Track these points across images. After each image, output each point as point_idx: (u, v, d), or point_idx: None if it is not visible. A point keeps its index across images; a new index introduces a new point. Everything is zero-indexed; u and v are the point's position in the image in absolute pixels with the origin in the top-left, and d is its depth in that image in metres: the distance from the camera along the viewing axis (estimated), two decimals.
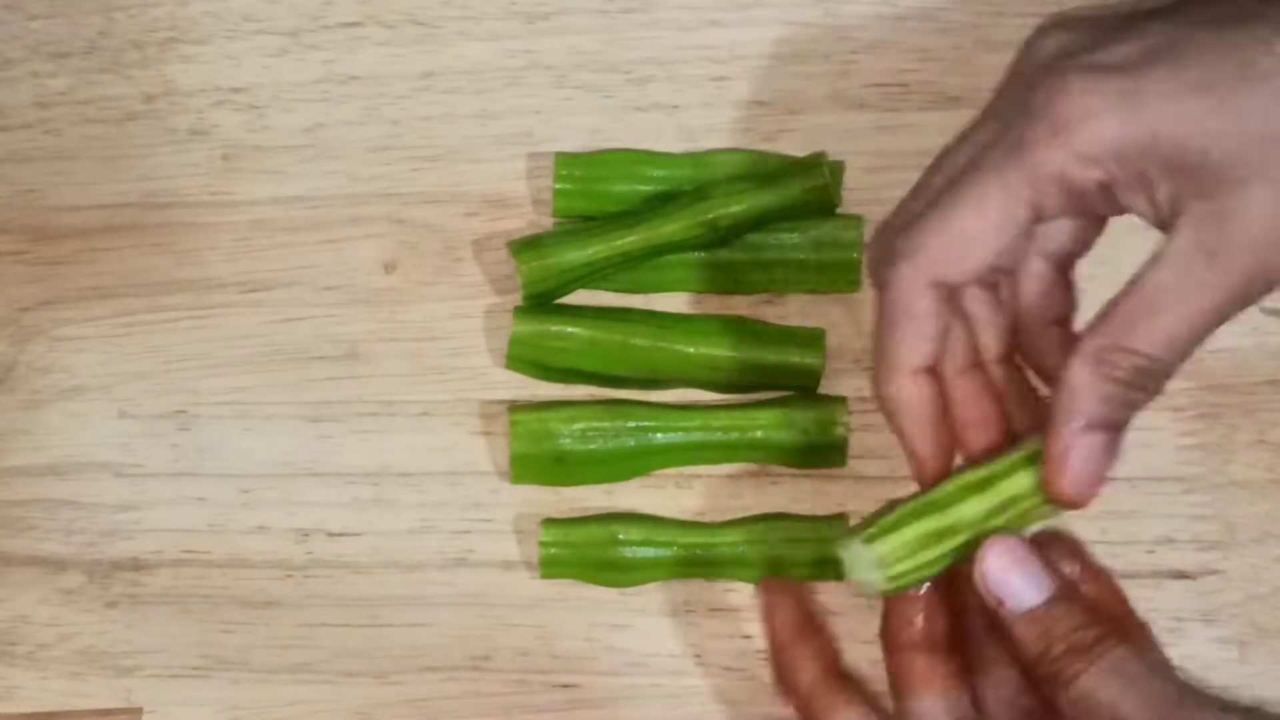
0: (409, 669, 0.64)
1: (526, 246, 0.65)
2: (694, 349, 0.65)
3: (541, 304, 0.66)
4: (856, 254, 0.66)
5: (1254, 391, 0.65)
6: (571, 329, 0.65)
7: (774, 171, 0.66)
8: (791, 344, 0.65)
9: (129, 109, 0.69)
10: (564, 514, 0.65)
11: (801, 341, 0.65)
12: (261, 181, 0.68)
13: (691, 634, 0.64)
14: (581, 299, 0.66)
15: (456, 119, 0.68)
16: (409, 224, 0.68)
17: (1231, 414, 0.65)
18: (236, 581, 0.65)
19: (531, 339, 0.65)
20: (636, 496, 0.65)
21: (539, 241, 0.65)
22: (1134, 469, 0.64)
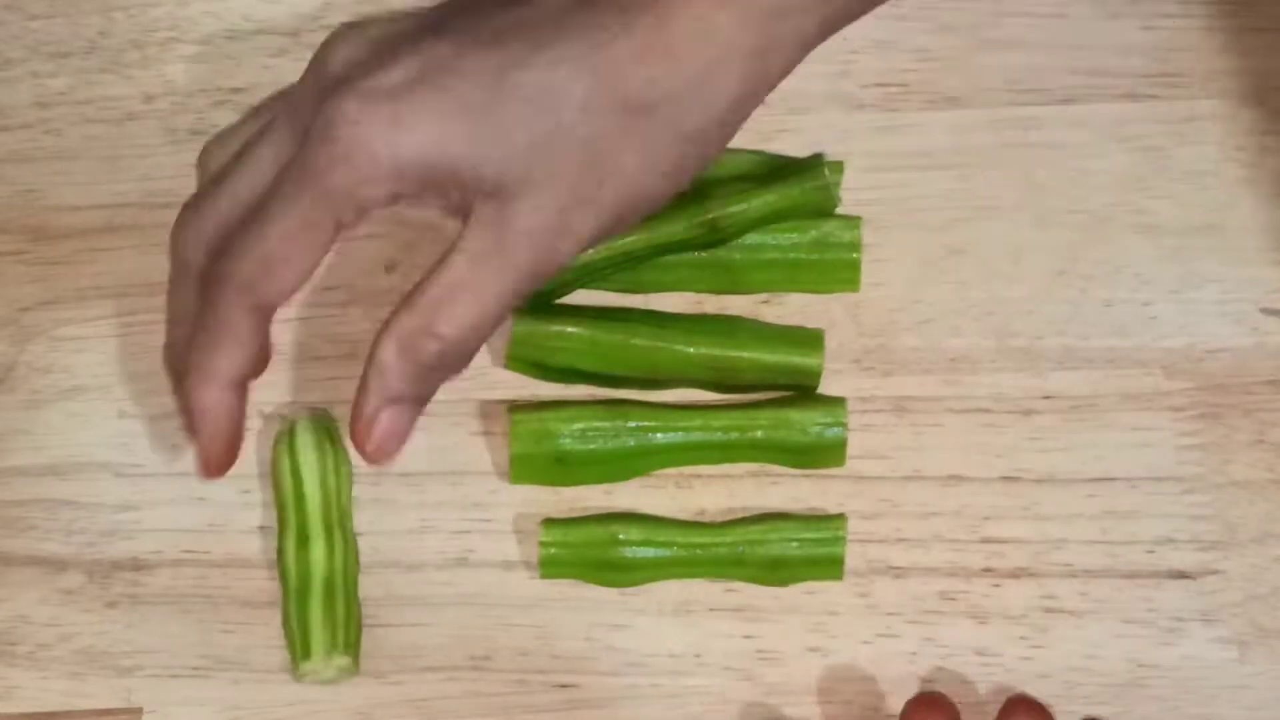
0: (409, 669, 0.64)
1: None
2: (694, 349, 0.65)
3: (541, 304, 0.66)
4: (856, 254, 0.66)
5: (1254, 391, 0.65)
6: (571, 329, 0.65)
7: (774, 171, 0.66)
8: (791, 344, 0.65)
9: (129, 109, 0.69)
10: (564, 514, 0.65)
11: (801, 341, 0.65)
12: None
13: (691, 634, 0.64)
14: (581, 299, 0.66)
15: None
16: (409, 224, 0.68)
17: (1231, 414, 0.65)
18: (236, 581, 0.65)
19: (531, 339, 0.65)
20: (636, 496, 0.65)
21: None
22: (1134, 469, 0.64)
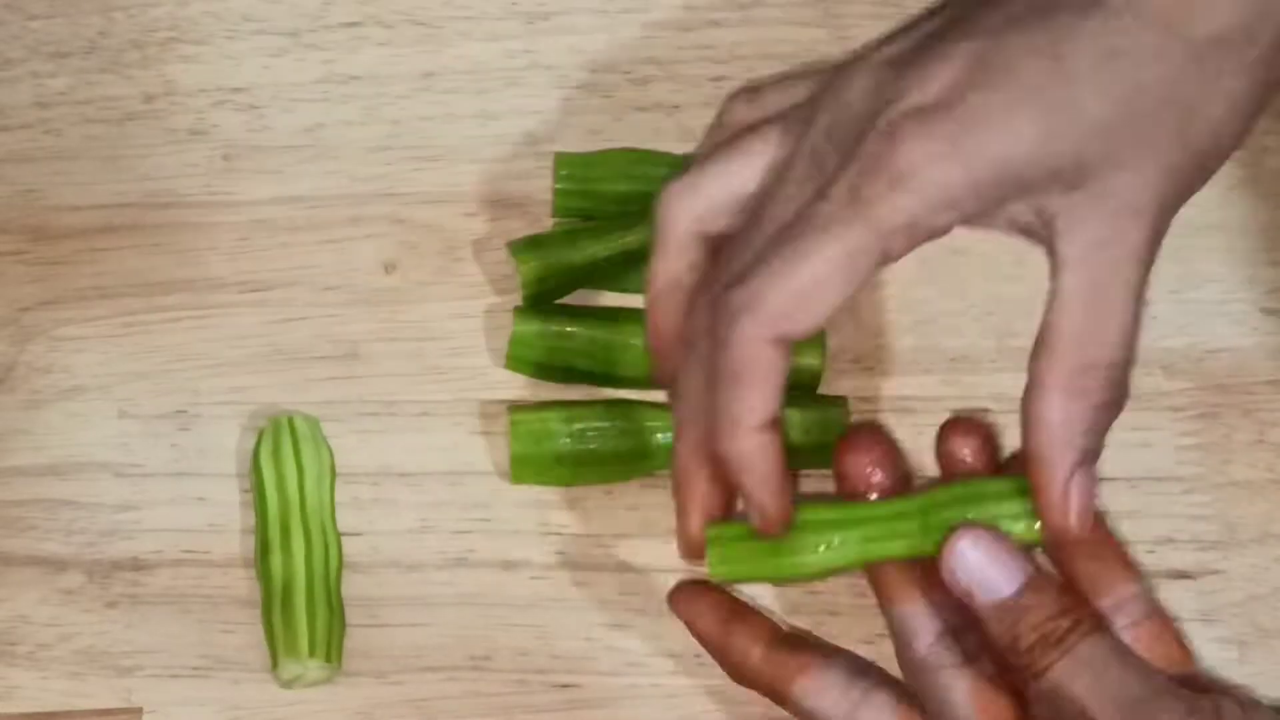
0: (409, 669, 0.64)
1: (526, 246, 0.65)
2: None
3: (541, 304, 0.66)
4: None
5: (1254, 391, 0.65)
6: (571, 329, 0.65)
7: None
8: None
9: (129, 109, 0.69)
10: (563, 515, 0.65)
11: (801, 341, 0.65)
12: (261, 181, 0.68)
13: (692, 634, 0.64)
14: (581, 299, 0.66)
15: (456, 119, 0.68)
16: (409, 224, 0.68)
17: (1231, 414, 0.65)
18: (236, 581, 0.65)
19: (531, 339, 0.65)
20: (636, 496, 0.65)
21: (539, 241, 0.65)
22: (1134, 469, 0.64)
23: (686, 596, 0.58)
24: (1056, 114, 0.49)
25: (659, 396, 0.66)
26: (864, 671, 0.57)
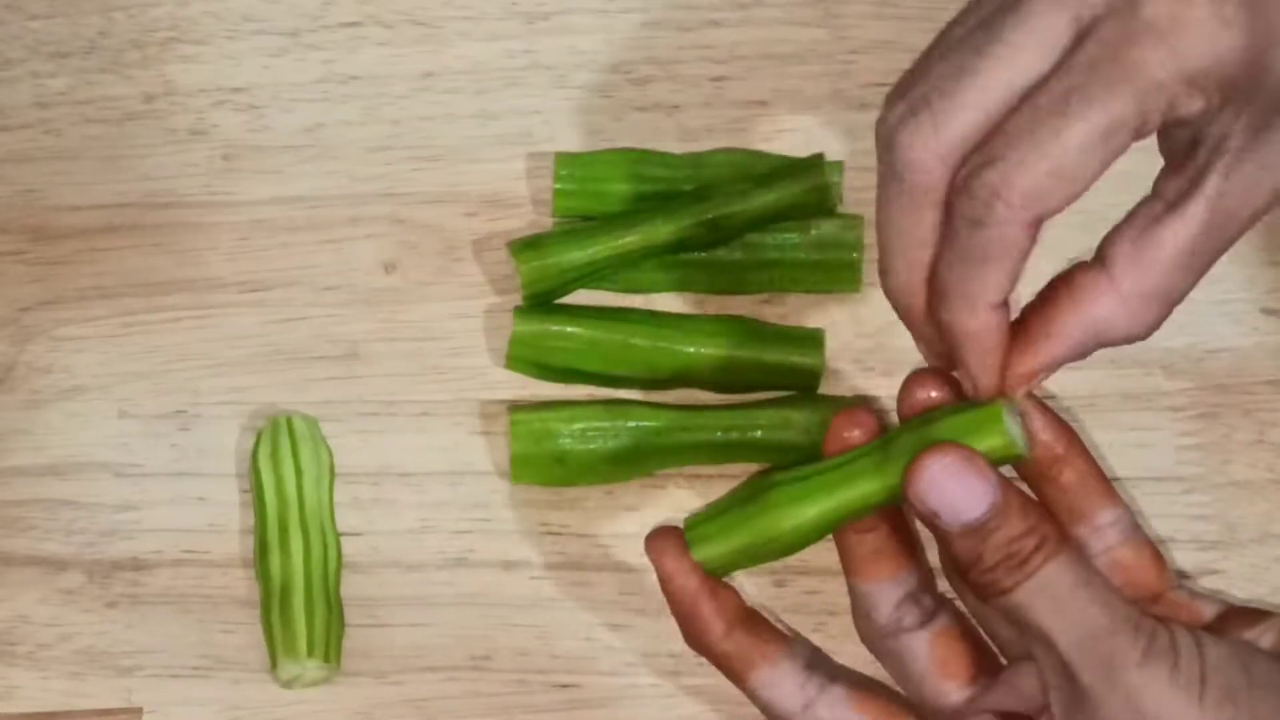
0: (409, 669, 0.64)
1: (526, 246, 0.65)
2: (694, 349, 0.65)
3: (541, 304, 0.66)
4: (857, 254, 0.66)
5: (1254, 391, 0.65)
6: (571, 329, 0.65)
7: (774, 171, 0.66)
8: (791, 344, 0.65)
9: (129, 109, 0.69)
10: (563, 515, 0.65)
11: (801, 341, 0.65)
12: (261, 181, 0.68)
13: None
14: (581, 299, 0.66)
15: (456, 119, 0.68)
16: (409, 224, 0.68)
17: (1231, 414, 0.65)
18: (236, 581, 0.65)
19: (531, 339, 0.65)
20: (636, 496, 0.65)
21: (539, 241, 0.65)
22: (1134, 469, 0.64)
23: (662, 544, 0.56)
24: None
25: (659, 396, 0.66)
26: (820, 663, 0.56)
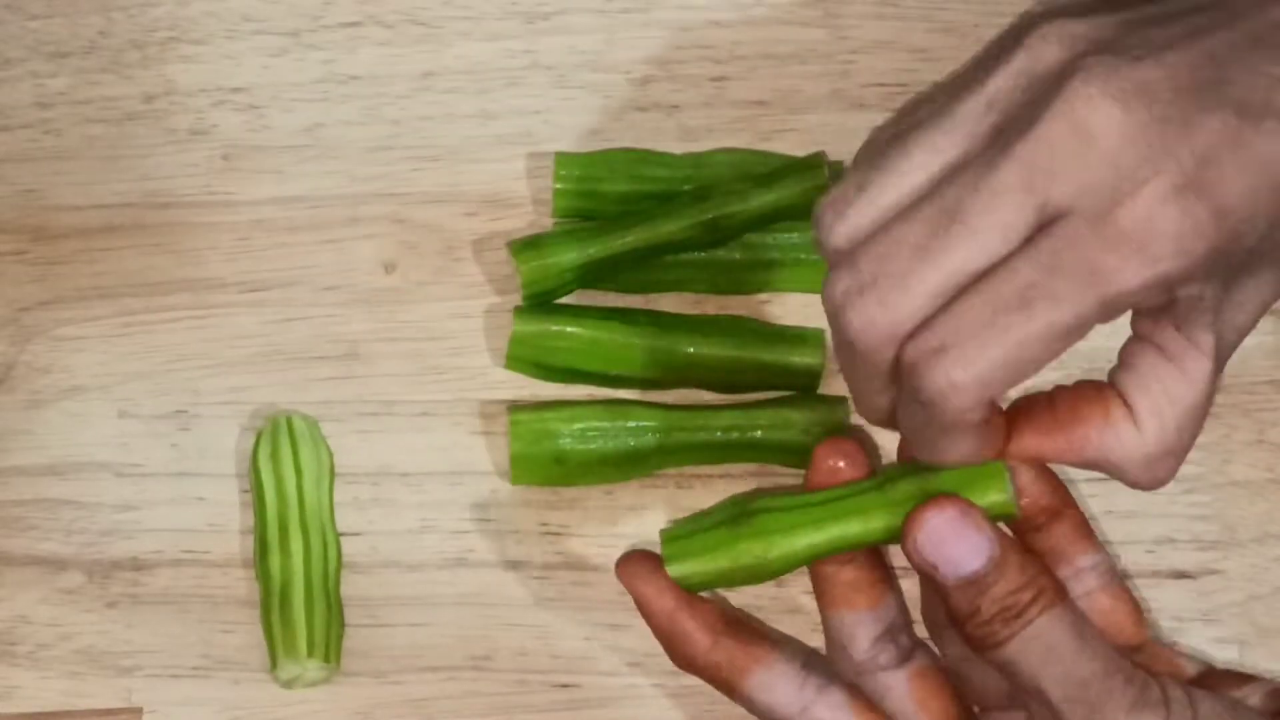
0: (409, 669, 0.64)
1: (526, 246, 0.65)
2: (694, 349, 0.65)
3: (541, 304, 0.66)
4: None
5: (1254, 391, 0.65)
6: (571, 329, 0.65)
7: (774, 171, 0.66)
8: (791, 344, 0.65)
9: (129, 109, 0.69)
10: (563, 515, 0.65)
11: (801, 341, 0.65)
12: (261, 181, 0.68)
13: None
14: (581, 299, 0.66)
15: (456, 119, 0.68)
16: (409, 224, 0.68)
17: (1231, 414, 0.65)
18: (236, 581, 0.65)
19: (531, 339, 0.65)
20: (636, 496, 0.65)
21: (539, 241, 0.65)
22: None
23: (634, 568, 0.55)
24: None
25: (659, 396, 0.66)
26: (816, 664, 0.55)
